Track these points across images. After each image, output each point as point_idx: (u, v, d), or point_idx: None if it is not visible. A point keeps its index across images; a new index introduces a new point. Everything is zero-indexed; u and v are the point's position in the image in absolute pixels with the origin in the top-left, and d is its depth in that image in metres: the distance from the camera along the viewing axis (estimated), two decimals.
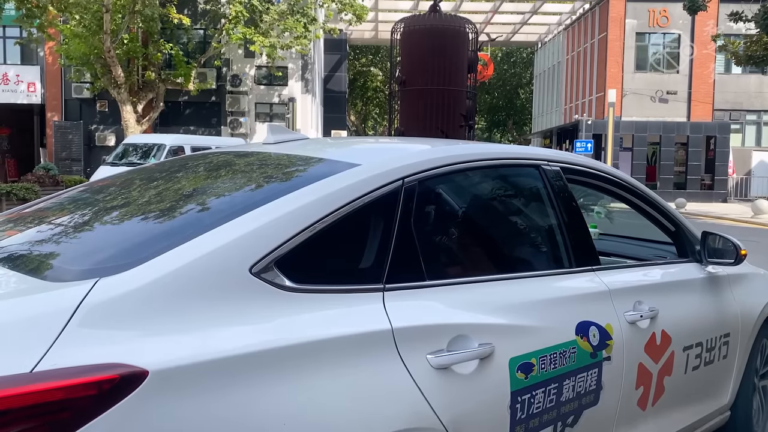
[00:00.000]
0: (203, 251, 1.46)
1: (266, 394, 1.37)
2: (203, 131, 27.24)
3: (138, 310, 1.32)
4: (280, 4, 24.60)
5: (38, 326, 1.22)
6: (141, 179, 2.32)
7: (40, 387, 1.14)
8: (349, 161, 1.94)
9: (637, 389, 2.38)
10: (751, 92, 29.75)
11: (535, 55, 44.56)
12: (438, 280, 1.88)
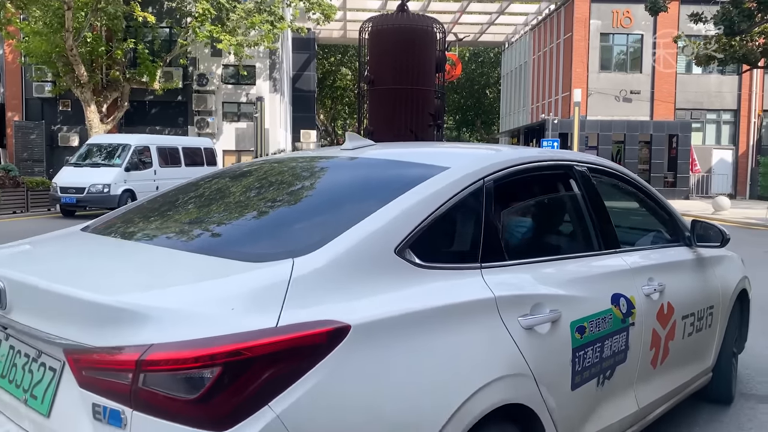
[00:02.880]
0: (362, 236, 1.86)
1: (420, 343, 1.77)
2: (170, 131, 26.88)
3: (326, 281, 1.71)
4: (247, 3, 24.41)
5: (267, 295, 1.60)
6: (264, 176, 2.75)
7: (285, 337, 1.52)
8: (439, 164, 2.33)
9: (651, 350, 2.84)
10: (711, 92, 30.55)
11: (502, 55, 45.03)
12: (515, 260, 2.30)
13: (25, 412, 1.79)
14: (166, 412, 1.47)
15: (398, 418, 1.68)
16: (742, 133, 30.73)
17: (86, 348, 1.58)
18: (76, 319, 1.65)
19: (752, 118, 30.60)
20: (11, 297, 1.83)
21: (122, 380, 1.50)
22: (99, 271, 1.98)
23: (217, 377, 1.45)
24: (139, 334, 1.50)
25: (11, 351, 1.92)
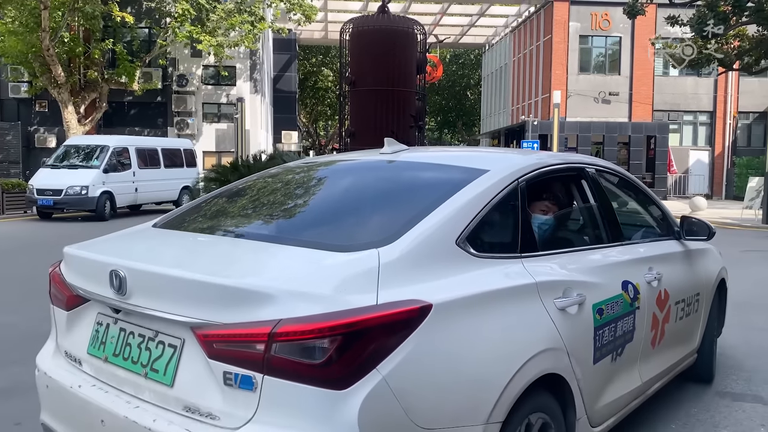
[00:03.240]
0: (429, 230, 2.15)
1: (483, 319, 2.10)
2: (149, 132, 26.62)
3: (404, 267, 2.00)
4: (227, 3, 24.27)
5: (364, 278, 1.89)
6: (325, 176, 3.12)
7: (386, 313, 1.81)
8: (478, 167, 2.65)
9: (651, 332, 3.18)
10: (687, 93, 30.99)
11: (483, 56, 45.26)
12: (545, 251, 2.65)
13: (145, 384, 2.04)
14: (295, 375, 1.75)
15: (472, 378, 2.02)
16: (718, 135, 31.23)
17: (216, 324, 1.84)
18: (201, 300, 1.90)
19: (728, 119, 31.10)
20: (132, 284, 2.06)
21: (254, 350, 1.77)
22: (209, 260, 2.25)
23: (337, 346, 1.74)
24: (266, 311, 1.78)
25: (122, 333, 2.16)
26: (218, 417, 1.85)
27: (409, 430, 1.83)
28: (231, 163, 10.91)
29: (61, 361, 2.42)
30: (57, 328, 2.50)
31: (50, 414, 2.39)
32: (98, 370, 2.22)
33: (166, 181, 18.35)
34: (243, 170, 10.43)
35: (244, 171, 10.40)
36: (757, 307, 6.61)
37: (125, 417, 2.01)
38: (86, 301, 2.32)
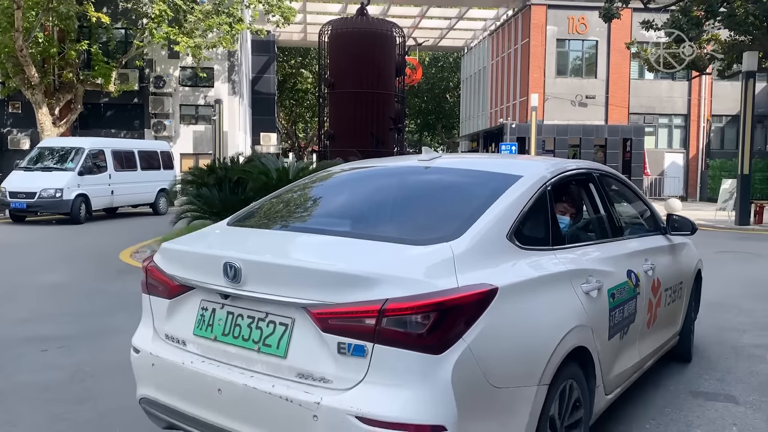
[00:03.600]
0: (486, 226, 2.58)
1: (533, 299, 2.52)
2: (125, 134, 26.28)
3: (472, 257, 2.39)
4: (205, 4, 24.08)
5: (444, 266, 2.29)
6: (377, 180, 3.52)
7: (466, 294, 2.21)
8: (512, 173, 3.07)
9: (647, 315, 3.64)
10: (662, 97, 31.46)
11: (462, 59, 45.48)
12: (569, 244, 3.11)
13: (257, 358, 2.39)
14: (400, 343, 2.13)
15: (527, 347, 2.44)
16: (692, 138, 31.74)
17: (329, 304, 2.21)
18: (311, 285, 2.27)
19: (701, 122, 31.63)
20: (246, 274, 2.39)
21: (366, 324, 2.14)
22: (309, 252, 2.66)
23: (433, 319, 2.12)
24: (374, 292, 2.16)
25: (230, 316, 2.49)
26: (331, 380, 2.21)
27: (486, 388, 2.25)
28: (208, 165, 10.83)
29: (163, 343, 2.72)
30: (154, 314, 2.80)
31: (157, 389, 2.69)
32: (206, 349, 2.55)
33: (143, 183, 18.12)
34: (220, 173, 10.36)
35: (221, 173, 10.33)
36: (729, 307, 6.73)
37: (244, 384, 2.35)
38: (189, 290, 2.64)
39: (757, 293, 7.51)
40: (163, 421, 2.73)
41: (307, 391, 2.22)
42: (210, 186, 10.13)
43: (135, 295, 7.14)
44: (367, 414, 2.11)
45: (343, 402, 2.15)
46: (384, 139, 15.49)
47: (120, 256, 10.34)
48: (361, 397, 2.14)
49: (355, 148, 13.60)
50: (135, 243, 11.80)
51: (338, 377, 2.20)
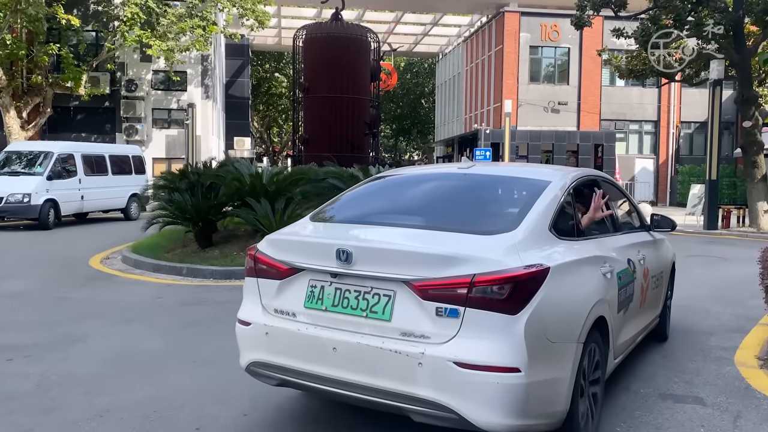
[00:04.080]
0: (534, 221, 3.28)
1: (572, 276, 3.22)
2: (96, 138, 25.84)
3: (527, 244, 3.08)
4: (178, 7, 23.85)
5: (510, 251, 2.98)
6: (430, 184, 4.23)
7: (530, 271, 2.88)
8: (542, 179, 3.78)
9: (640, 297, 4.35)
10: (633, 103, 32.00)
11: (437, 65, 45.74)
12: (587, 236, 3.83)
13: (365, 322, 3.02)
14: (485, 306, 2.82)
15: (570, 313, 3.17)
16: (662, 143, 32.33)
17: (430, 278, 2.89)
18: (411, 264, 2.96)
19: (671, 129, 32.24)
20: (356, 257, 3.03)
21: (459, 293, 2.83)
22: (404, 239, 3.25)
23: (510, 289, 2.83)
24: (464, 269, 2.86)
25: (338, 291, 3.12)
26: (430, 337, 2.88)
27: (545, 342, 2.95)
28: (180, 170, 10.71)
29: (273, 316, 3.31)
30: (262, 293, 3.39)
31: (270, 353, 3.28)
32: (317, 318, 3.15)
33: (114, 188, 17.83)
34: (193, 177, 10.25)
35: (194, 178, 10.22)
36: (698, 310, 6.85)
37: (357, 342, 2.99)
38: (297, 272, 3.24)
39: (725, 297, 7.66)
40: (275, 379, 3.33)
41: (412, 345, 2.89)
42: (182, 191, 10.02)
43: (104, 302, 7.05)
44: (462, 360, 2.80)
45: (442, 351, 2.83)
46: (359, 144, 15.48)
47: (90, 262, 10.15)
48: (456, 348, 2.83)
49: (330, 153, 13.57)
50: (105, 249, 11.60)
51: (436, 334, 2.87)
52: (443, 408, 2.82)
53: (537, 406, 2.92)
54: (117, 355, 5.03)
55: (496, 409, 2.80)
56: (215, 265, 8.87)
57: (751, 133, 17.47)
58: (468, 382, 2.80)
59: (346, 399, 3.13)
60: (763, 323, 6.06)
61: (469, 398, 2.80)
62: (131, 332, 5.78)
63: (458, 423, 2.85)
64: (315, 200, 10.05)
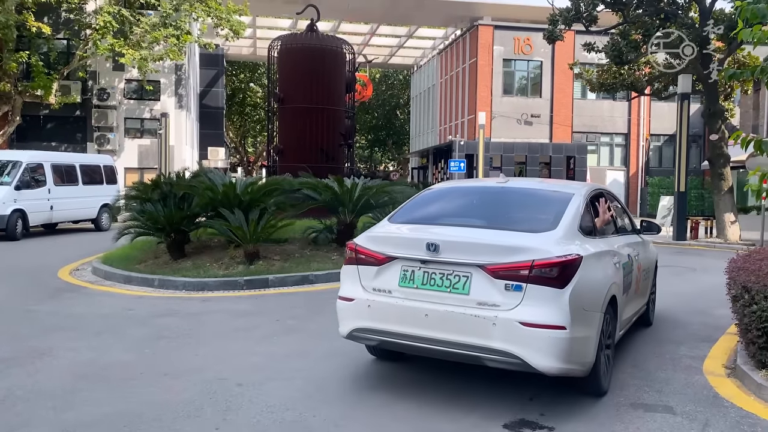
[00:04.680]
0: (568, 223, 4.36)
1: (597, 265, 4.33)
2: (67, 147, 25.41)
3: (564, 240, 4.17)
4: (152, 17, 23.66)
5: (555, 243, 4.09)
6: (482, 194, 5.28)
7: (571, 258, 3.99)
8: (567, 191, 4.86)
9: (635, 285, 5.47)
10: (604, 116, 32.58)
11: (412, 77, 46.02)
12: (601, 236, 4.85)
13: (448, 296, 4.05)
14: (541, 282, 3.85)
15: (595, 290, 4.21)
16: (633, 155, 32.93)
17: (499, 263, 3.93)
18: (484, 253, 4.01)
19: (641, 141, 32.87)
20: (442, 248, 4.07)
21: (522, 273, 3.86)
22: (475, 234, 4.31)
23: (558, 270, 3.87)
24: (525, 256, 3.91)
25: (425, 274, 4.16)
26: (499, 305, 3.93)
27: (581, 309, 4.00)
28: (153, 180, 10.59)
29: (373, 293, 4.35)
30: (361, 277, 4.42)
31: (372, 321, 4.30)
32: (409, 294, 4.20)
33: (84, 198, 17.53)
34: (165, 188, 10.14)
35: (167, 189, 10.12)
36: (667, 320, 6.96)
37: (445, 310, 4.03)
38: (391, 260, 4.30)
39: (693, 307, 7.80)
40: (374, 341, 4.44)
41: (487, 311, 3.96)
42: (155, 201, 9.90)
43: (73, 314, 6.92)
44: (525, 320, 3.86)
45: (511, 315, 3.90)
46: (334, 155, 15.49)
47: (59, 273, 9.96)
48: (520, 312, 3.89)
49: (304, 164, 13.54)
50: (75, 260, 11.39)
51: (504, 303, 3.94)
52: (511, 356, 3.88)
53: (575, 355, 3.98)
54: (86, 369, 4.93)
55: (548, 356, 3.85)
56: (188, 277, 8.77)
57: (717, 146, 17.89)
58: (529, 337, 3.85)
59: (435, 353, 4.20)
60: (731, 332, 6.18)
61: (530, 348, 3.85)
62: (100, 345, 5.68)
63: (521, 366, 3.92)
64: (289, 210, 10.05)
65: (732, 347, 5.72)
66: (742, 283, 4.88)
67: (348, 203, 10.25)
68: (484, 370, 4.51)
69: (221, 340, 5.88)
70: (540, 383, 4.50)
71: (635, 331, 6.22)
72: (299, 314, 7.02)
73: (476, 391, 4.48)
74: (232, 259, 9.38)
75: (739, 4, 4.44)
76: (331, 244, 10.54)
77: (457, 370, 4.83)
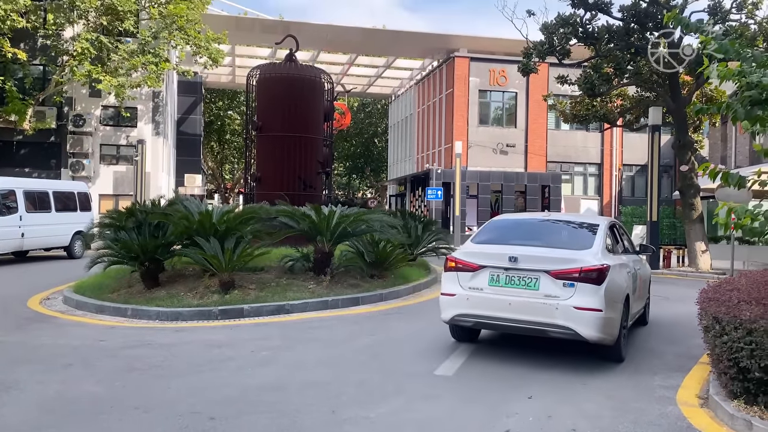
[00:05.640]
0: (600, 243, 6.48)
1: (620, 271, 6.56)
2: (40, 173, 25.05)
3: (598, 255, 6.27)
4: (130, 43, 23.65)
5: (594, 257, 6.21)
6: (537, 222, 7.49)
7: (604, 266, 6.09)
8: (595, 222, 6.97)
9: (638, 291, 7.39)
10: (578, 147, 33.16)
11: (390, 106, 46.47)
12: (616, 254, 6.91)
13: (524, 291, 6.09)
14: (587, 281, 5.94)
15: (619, 289, 6.34)
16: (606, 185, 33.48)
17: (559, 269, 6.02)
18: (549, 263, 6.08)
19: (614, 171, 33.47)
20: (520, 259, 6.10)
21: (574, 275, 5.96)
22: (541, 251, 6.29)
23: (597, 274, 5.99)
24: (576, 265, 6.03)
25: (507, 277, 6.16)
26: (559, 296, 5.94)
27: (611, 300, 6.02)
28: (128, 208, 10.48)
29: (469, 290, 6.30)
30: (460, 280, 6.37)
31: (470, 308, 6.26)
32: (496, 290, 6.15)
33: (57, 225, 17.24)
34: (140, 216, 10.04)
35: (141, 217, 10.01)
36: (642, 350, 7.03)
37: (523, 300, 6.04)
38: (482, 268, 6.26)
39: (667, 336, 7.89)
40: (470, 322, 6.42)
41: (551, 300, 5.93)
42: (129, 229, 9.78)
43: (42, 346, 6.76)
44: (576, 305, 5.84)
45: (567, 302, 5.88)
46: (312, 183, 15.50)
47: (28, 303, 9.74)
48: (573, 301, 5.86)
49: (282, 191, 13.52)
50: (46, 289, 11.16)
51: (562, 295, 5.90)
52: (567, 329, 5.92)
53: (607, 329, 5.98)
54: (53, 403, 4.80)
55: (591, 329, 5.87)
56: (161, 306, 8.64)
57: (688, 177, 18.30)
58: (579, 316, 5.87)
59: (515, 329, 6.23)
60: (703, 362, 6.26)
61: (580, 324, 5.87)
62: (69, 378, 5.54)
63: (573, 336, 5.94)
64: (266, 239, 9.99)
65: (705, 377, 5.79)
66: (713, 314, 4.96)
67: (326, 231, 10.24)
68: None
69: (194, 372, 5.79)
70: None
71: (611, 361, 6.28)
72: (274, 345, 6.94)
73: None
74: (207, 288, 9.28)
75: (704, 39, 4.58)
76: (307, 272, 10.49)
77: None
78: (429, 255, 14.63)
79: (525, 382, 5.59)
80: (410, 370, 5.93)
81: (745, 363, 4.54)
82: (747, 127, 4.54)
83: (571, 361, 6.38)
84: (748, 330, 4.56)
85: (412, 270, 12.43)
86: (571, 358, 6.50)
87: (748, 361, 4.53)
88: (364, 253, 11.11)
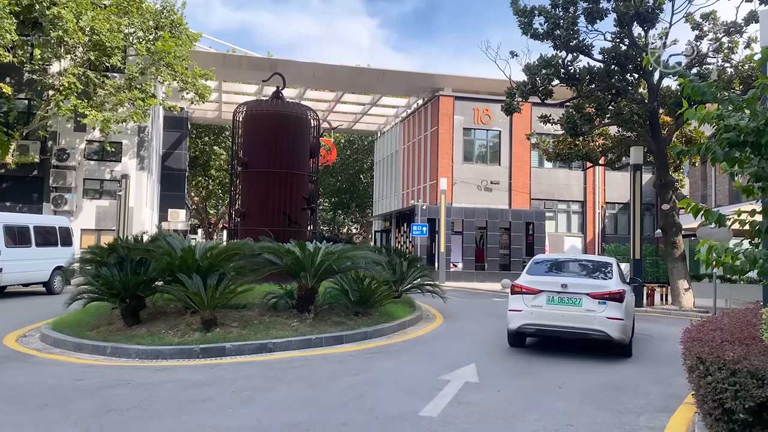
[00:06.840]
0: (616, 275, 9.56)
1: (630, 298, 9.62)
2: (22, 207, 24.80)
3: (618, 282, 9.30)
4: (117, 79, 23.75)
5: (616, 284, 9.18)
6: (569, 261, 10.51)
7: (623, 290, 9.04)
8: (607, 261, 10.08)
9: (632, 312, 9.94)
10: (560, 184, 33.55)
11: (375, 143, 46.84)
12: (625, 283, 9.95)
13: (572, 307, 8.97)
14: (614, 300, 8.90)
15: (630, 304, 9.46)
16: (589, 222, 33.78)
17: (595, 292, 8.93)
18: (589, 288, 8.99)
19: (597, 209, 33.82)
20: (569, 286, 9.03)
21: (605, 296, 8.90)
22: (581, 280, 9.27)
23: (619, 295, 8.94)
24: (606, 289, 8.97)
25: (559, 298, 9.04)
26: (595, 311, 8.84)
27: (628, 312, 9.15)
28: (109, 244, 10.37)
29: (532, 308, 9.14)
30: (524, 300, 9.19)
31: (533, 319, 9.10)
32: (552, 307, 9.04)
33: (37, 260, 17.00)
34: (122, 252, 9.93)
35: (123, 252, 9.90)
36: (627, 389, 6.99)
37: (571, 313, 8.93)
38: (540, 292, 9.12)
39: (652, 375, 7.88)
40: (533, 329, 9.18)
41: (591, 313, 8.83)
42: (110, 265, 9.66)
43: (17, 385, 6.59)
44: (609, 316, 8.78)
45: (602, 314, 8.79)
46: (297, 219, 15.48)
47: (4, 340, 9.51)
48: (606, 313, 8.78)
49: (267, 227, 13.47)
50: (23, 326, 10.93)
51: (598, 310, 8.81)
52: (601, 332, 8.70)
53: (626, 332, 8.87)
54: None
55: (617, 332, 8.71)
56: (142, 344, 8.48)
57: (669, 215, 18.54)
58: (610, 323, 8.69)
59: (565, 334, 8.96)
60: (688, 402, 6.23)
61: (610, 328, 8.68)
62: (44, 419, 5.39)
63: (605, 337, 8.72)
64: (249, 275, 9.91)
65: (690, 417, 5.76)
66: (697, 354, 4.96)
67: (310, 268, 10.18)
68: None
69: (174, 413, 5.65)
70: None
71: (597, 397, 6.23)
72: (256, 385, 6.82)
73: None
74: (188, 325, 9.14)
75: (682, 81, 4.69)
76: (291, 310, 10.39)
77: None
78: (414, 292, 14.58)
79: (508, 423, 5.53)
80: (394, 411, 5.84)
81: (730, 404, 4.53)
82: (725, 168, 4.62)
83: (557, 401, 6.33)
84: (731, 371, 4.56)
85: (397, 307, 12.36)
86: (556, 398, 6.44)
87: (732, 402, 4.52)
88: (348, 291, 11.05)
